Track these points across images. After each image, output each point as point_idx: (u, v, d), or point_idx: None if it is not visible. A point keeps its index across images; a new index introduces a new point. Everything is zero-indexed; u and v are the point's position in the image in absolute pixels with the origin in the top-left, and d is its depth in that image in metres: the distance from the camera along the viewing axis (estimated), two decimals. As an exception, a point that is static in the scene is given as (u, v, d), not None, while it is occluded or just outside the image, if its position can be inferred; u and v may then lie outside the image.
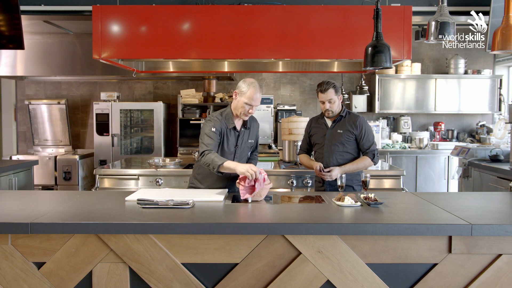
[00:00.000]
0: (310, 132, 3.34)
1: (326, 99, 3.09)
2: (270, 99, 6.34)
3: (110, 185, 3.90)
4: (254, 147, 3.12)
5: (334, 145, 3.15)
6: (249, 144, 3.00)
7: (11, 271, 2.07)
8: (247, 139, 2.97)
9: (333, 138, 3.17)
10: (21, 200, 2.56)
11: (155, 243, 2.05)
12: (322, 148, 3.21)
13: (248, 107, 2.76)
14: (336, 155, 3.16)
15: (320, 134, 3.24)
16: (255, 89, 2.75)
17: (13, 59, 6.00)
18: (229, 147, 2.88)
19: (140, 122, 6.42)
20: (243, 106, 2.77)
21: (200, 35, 3.96)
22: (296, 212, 2.36)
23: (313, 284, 2.05)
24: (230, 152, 2.89)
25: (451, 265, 2.04)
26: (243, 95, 2.76)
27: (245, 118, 2.86)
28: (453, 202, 2.52)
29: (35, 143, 6.55)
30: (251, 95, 2.74)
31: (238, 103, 2.80)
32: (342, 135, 3.14)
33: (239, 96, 2.79)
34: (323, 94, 3.10)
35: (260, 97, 2.80)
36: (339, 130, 3.16)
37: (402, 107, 6.57)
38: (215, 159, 2.65)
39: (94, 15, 3.94)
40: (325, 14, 3.98)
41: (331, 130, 3.18)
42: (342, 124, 3.17)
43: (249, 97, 2.74)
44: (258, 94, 2.77)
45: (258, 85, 2.79)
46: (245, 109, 2.77)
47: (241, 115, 2.82)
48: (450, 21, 2.93)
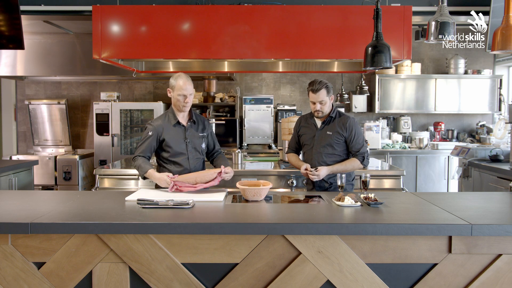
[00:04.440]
0: (299, 132, 3.27)
1: (318, 100, 3.02)
2: (270, 99, 6.34)
3: (110, 185, 3.90)
4: (213, 145, 3.16)
5: (323, 146, 3.09)
6: (200, 136, 3.04)
7: (11, 271, 2.08)
8: (197, 132, 3.03)
9: (322, 139, 3.10)
10: (21, 200, 2.56)
11: (155, 243, 2.05)
12: (311, 149, 3.15)
13: (182, 97, 2.90)
14: (325, 157, 3.09)
15: (309, 135, 3.18)
16: (182, 79, 2.90)
17: (13, 59, 6.00)
18: (179, 141, 2.97)
19: (140, 122, 6.42)
20: (178, 99, 2.91)
21: (200, 35, 3.96)
22: (296, 212, 2.36)
23: (313, 284, 2.05)
24: (181, 146, 2.97)
25: (451, 265, 2.04)
26: (174, 89, 2.92)
27: (185, 109, 2.97)
28: (453, 202, 2.52)
29: (35, 143, 6.56)
30: (180, 85, 2.89)
31: (174, 98, 2.95)
32: (331, 136, 3.08)
33: (172, 92, 2.95)
34: (314, 95, 3.03)
35: (189, 84, 2.92)
36: (329, 132, 3.09)
37: (402, 107, 6.57)
38: (142, 165, 2.87)
39: (94, 15, 3.94)
40: (325, 14, 3.98)
41: (320, 131, 3.12)
42: (332, 126, 3.10)
43: (179, 88, 2.89)
44: (187, 83, 2.91)
45: (184, 76, 2.94)
46: (182, 101, 2.91)
47: (182, 107, 2.95)
48: (450, 21, 2.93)
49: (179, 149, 2.96)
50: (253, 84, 6.98)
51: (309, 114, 3.25)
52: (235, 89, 6.72)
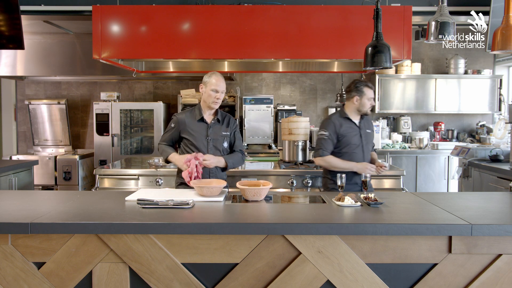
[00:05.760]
0: (341, 132, 3.23)
1: (373, 96, 3.21)
2: (270, 99, 6.34)
3: (110, 185, 3.90)
4: (236, 144, 3.17)
5: (368, 143, 3.30)
6: (223, 135, 3.07)
7: (11, 271, 2.07)
8: (220, 131, 3.06)
9: (367, 137, 3.30)
10: (21, 200, 2.56)
11: (155, 243, 2.05)
12: (359, 148, 3.24)
13: (214, 93, 2.95)
14: (368, 154, 3.32)
15: (353, 133, 3.24)
16: (216, 76, 2.99)
17: (13, 59, 6.00)
18: (201, 137, 3.01)
19: (140, 122, 6.42)
20: (210, 94, 2.96)
21: (200, 35, 3.96)
22: (296, 212, 2.36)
23: (313, 284, 2.05)
24: (202, 143, 3.01)
25: (451, 265, 2.04)
26: (208, 84, 2.98)
27: (215, 106, 3.01)
28: (453, 202, 2.52)
29: (35, 143, 6.56)
30: (215, 81, 2.96)
31: (206, 93, 2.99)
32: (370, 134, 3.33)
33: (205, 87, 3.00)
34: (372, 90, 3.19)
35: (222, 82, 3.00)
36: (368, 130, 3.31)
37: (402, 107, 6.57)
38: (165, 149, 3.05)
39: (94, 15, 3.94)
40: (325, 14, 3.98)
41: (362, 130, 3.27)
42: (366, 124, 3.31)
43: (214, 83, 2.95)
44: (221, 80, 2.99)
45: (219, 74, 3.03)
46: (213, 96, 2.96)
47: (211, 103, 2.98)
48: (450, 21, 2.93)
49: (200, 145, 3.01)
50: (253, 84, 6.98)
51: (338, 114, 3.30)
52: (235, 89, 6.72)
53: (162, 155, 3.07)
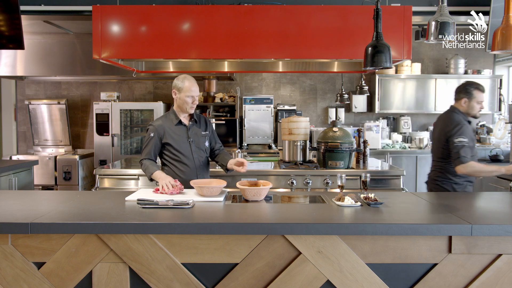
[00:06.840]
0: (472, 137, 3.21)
1: (483, 99, 3.19)
2: (270, 99, 6.34)
3: (110, 185, 3.90)
4: (214, 142, 3.20)
5: None
6: (203, 135, 3.08)
7: (11, 271, 2.07)
8: (199, 131, 3.07)
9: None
10: (21, 200, 2.56)
11: (155, 243, 2.05)
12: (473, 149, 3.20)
13: (190, 99, 2.92)
14: None
15: (472, 135, 3.22)
16: (189, 81, 2.93)
17: (13, 59, 6.00)
18: (182, 140, 2.98)
19: (140, 122, 6.42)
20: (186, 101, 2.93)
21: (200, 35, 3.96)
22: (296, 212, 2.36)
23: (313, 284, 2.05)
24: (185, 146, 2.99)
25: (451, 265, 2.04)
26: (182, 90, 2.92)
27: (192, 111, 2.99)
28: (453, 202, 2.52)
29: (35, 143, 6.56)
30: (188, 87, 2.91)
31: (180, 99, 2.94)
32: None
33: (178, 93, 2.94)
34: (482, 94, 3.19)
35: (196, 86, 2.95)
36: None
37: (402, 107, 6.57)
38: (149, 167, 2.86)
39: (94, 15, 3.94)
40: (325, 14, 3.98)
41: None
42: None
43: (188, 89, 2.91)
44: (194, 84, 2.94)
45: (190, 77, 2.96)
46: (189, 102, 2.93)
47: (189, 109, 2.96)
48: (450, 21, 2.93)
49: (182, 149, 2.98)
50: (253, 84, 6.98)
51: (462, 116, 3.28)
52: (235, 89, 6.72)
53: (146, 172, 2.87)
